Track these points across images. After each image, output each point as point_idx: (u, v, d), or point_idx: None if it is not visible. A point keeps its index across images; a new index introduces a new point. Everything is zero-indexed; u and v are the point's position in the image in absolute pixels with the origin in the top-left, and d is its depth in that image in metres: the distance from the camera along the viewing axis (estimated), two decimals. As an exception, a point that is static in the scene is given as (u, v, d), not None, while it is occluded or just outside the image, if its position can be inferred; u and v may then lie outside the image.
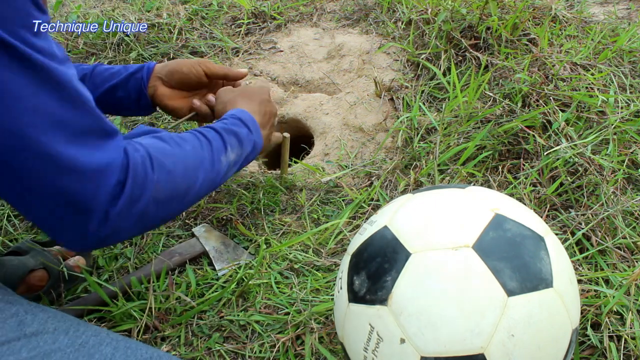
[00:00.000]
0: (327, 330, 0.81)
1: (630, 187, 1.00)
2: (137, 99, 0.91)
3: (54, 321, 0.57)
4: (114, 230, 0.58)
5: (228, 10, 1.71)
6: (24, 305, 0.58)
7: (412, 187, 1.05)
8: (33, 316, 0.56)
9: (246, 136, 0.79)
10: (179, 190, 0.65)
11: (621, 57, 1.30)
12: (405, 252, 0.57)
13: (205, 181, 0.70)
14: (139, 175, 0.58)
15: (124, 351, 0.56)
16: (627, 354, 0.74)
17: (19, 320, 0.55)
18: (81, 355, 0.54)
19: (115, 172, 0.56)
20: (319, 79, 1.44)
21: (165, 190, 0.62)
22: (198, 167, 0.68)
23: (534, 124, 1.09)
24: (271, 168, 1.24)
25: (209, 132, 0.74)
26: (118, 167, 0.56)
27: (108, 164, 0.55)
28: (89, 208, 0.55)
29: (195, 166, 0.68)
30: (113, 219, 0.57)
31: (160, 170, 0.62)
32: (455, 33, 1.35)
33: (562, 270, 0.58)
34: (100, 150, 0.55)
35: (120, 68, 0.92)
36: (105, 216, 0.56)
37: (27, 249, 0.87)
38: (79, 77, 0.90)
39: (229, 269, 0.94)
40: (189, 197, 0.68)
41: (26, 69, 0.48)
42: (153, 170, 0.61)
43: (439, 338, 0.52)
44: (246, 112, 0.83)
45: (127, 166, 0.57)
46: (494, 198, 0.64)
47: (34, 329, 0.55)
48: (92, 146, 0.54)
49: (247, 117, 0.82)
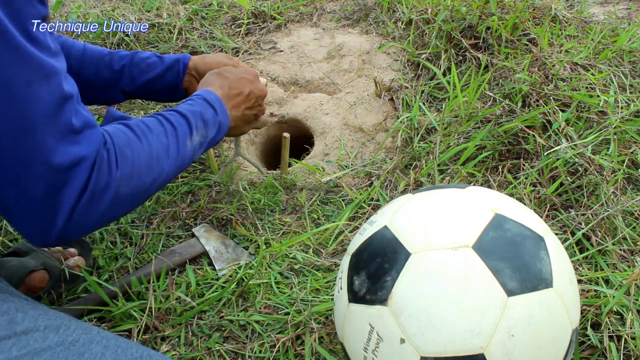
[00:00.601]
0: (327, 330, 0.81)
1: (630, 187, 1.00)
2: (173, 92, 0.97)
3: (45, 319, 0.57)
4: (76, 225, 0.58)
5: (228, 10, 1.71)
6: (15, 302, 0.58)
7: (412, 187, 1.05)
8: (24, 314, 0.56)
9: (212, 117, 0.79)
10: (143, 184, 0.65)
11: (621, 57, 1.30)
12: (405, 252, 0.57)
13: (170, 169, 0.70)
14: (103, 172, 0.59)
15: (114, 350, 0.56)
16: (627, 354, 0.74)
17: (9, 319, 0.55)
18: (71, 354, 0.54)
19: (87, 168, 0.56)
20: (319, 79, 1.44)
21: (128, 186, 0.62)
22: (163, 157, 0.69)
23: (534, 124, 1.09)
24: (271, 168, 1.24)
25: (174, 116, 0.73)
26: (89, 164, 0.57)
27: (81, 158, 0.56)
28: (58, 203, 0.55)
29: (160, 157, 0.68)
30: (77, 214, 0.57)
31: (124, 166, 0.61)
32: (455, 33, 1.35)
33: (562, 270, 0.58)
34: (78, 145, 0.56)
35: (156, 60, 0.95)
36: (71, 212, 0.56)
37: (27, 250, 0.87)
38: (118, 66, 0.93)
39: (229, 269, 0.94)
40: (153, 188, 0.68)
41: (21, 58, 0.49)
42: (117, 167, 0.61)
43: (439, 338, 0.52)
44: (212, 93, 0.82)
45: (94, 164, 0.57)
46: (494, 198, 0.64)
47: (24, 327, 0.54)
48: (72, 141, 0.55)
49: (213, 98, 0.81)
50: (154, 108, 1.36)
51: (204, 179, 1.13)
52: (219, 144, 1.24)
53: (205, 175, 1.14)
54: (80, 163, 0.56)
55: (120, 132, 0.64)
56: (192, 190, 1.11)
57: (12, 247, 0.91)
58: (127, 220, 1.04)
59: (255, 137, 1.32)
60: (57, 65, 0.54)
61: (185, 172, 1.15)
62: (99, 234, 1.01)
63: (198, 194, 1.11)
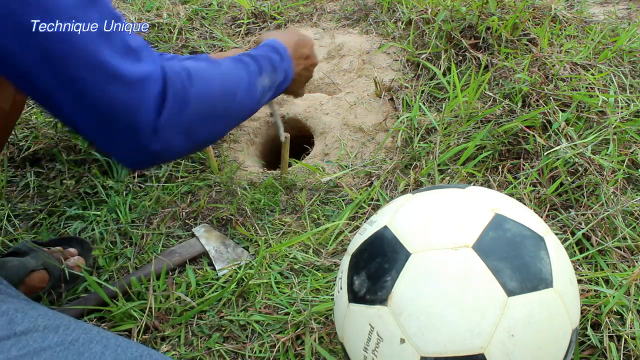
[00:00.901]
0: (327, 330, 0.81)
1: (630, 187, 1.00)
2: None
3: (44, 319, 0.57)
4: (164, 145, 0.61)
5: (228, 10, 1.71)
6: (14, 303, 0.58)
7: (412, 187, 1.05)
8: (23, 314, 0.56)
9: (279, 63, 0.80)
10: (218, 106, 0.67)
11: (621, 57, 1.30)
12: (405, 252, 0.57)
13: (242, 102, 0.72)
14: (178, 86, 0.61)
15: (114, 349, 0.56)
16: (627, 354, 0.74)
17: (9, 319, 0.55)
18: (71, 353, 0.54)
19: (157, 82, 0.59)
20: (319, 79, 1.44)
21: (205, 103, 0.65)
22: (236, 86, 0.70)
23: (534, 124, 1.09)
24: (271, 168, 1.24)
25: (245, 57, 0.75)
26: (158, 78, 0.59)
27: (149, 74, 0.58)
28: (137, 119, 0.57)
29: (233, 84, 0.70)
30: (161, 131, 0.59)
31: (198, 83, 0.63)
32: (455, 33, 1.35)
33: (562, 270, 0.58)
34: (141, 63, 0.58)
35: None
36: (154, 129, 0.59)
37: (27, 250, 0.87)
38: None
39: (229, 269, 0.94)
40: (228, 116, 0.70)
41: None
42: (191, 83, 0.63)
43: (439, 338, 0.52)
44: (279, 42, 0.84)
45: (166, 78, 0.60)
46: (494, 198, 0.64)
47: (23, 328, 0.55)
48: (134, 59, 0.57)
49: (280, 46, 0.83)
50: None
51: (204, 179, 1.13)
52: (219, 144, 1.24)
53: (205, 175, 1.14)
54: (149, 77, 0.58)
55: (190, 60, 0.67)
56: (192, 190, 1.11)
57: (12, 247, 0.91)
58: (127, 220, 1.04)
59: (255, 137, 1.32)
60: None
61: (185, 172, 1.15)
62: (99, 234, 1.01)
63: (198, 194, 1.11)
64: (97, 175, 1.13)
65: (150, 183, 1.12)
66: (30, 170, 1.17)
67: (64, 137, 1.21)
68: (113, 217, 1.05)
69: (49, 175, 1.17)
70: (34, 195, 1.13)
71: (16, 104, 0.80)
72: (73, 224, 1.04)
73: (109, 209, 1.07)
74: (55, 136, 1.22)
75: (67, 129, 1.23)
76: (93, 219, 1.05)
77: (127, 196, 1.09)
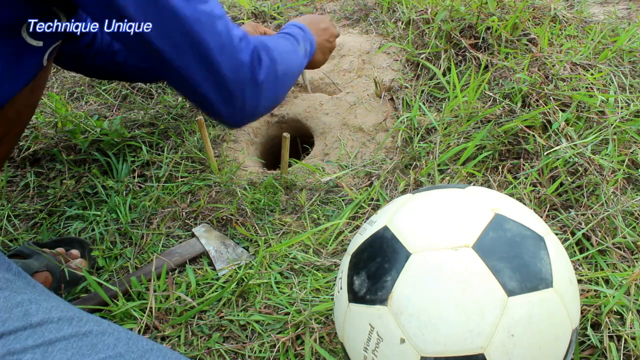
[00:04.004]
0: (327, 330, 0.81)
1: (630, 187, 1.00)
2: None
3: (58, 311, 0.58)
4: (262, 99, 0.78)
5: (228, 10, 1.71)
6: (27, 294, 0.59)
7: (412, 187, 1.05)
8: (37, 306, 0.58)
9: (304, 36, 1.00)
10: (288, 65, 0.86)
11: (621, 57, 1.30)
12: (405, 252, 0.57)
13: (297, 64, 0.92)
14: (263, 48, 0.77)
15: (125, 342, 0.57)
16: (627, 354, 0.74)
17: (24, 311, 0.57)
18: (84, 344, 0.55)
19: (252, 42, 0.75)
20: (319, 79, 1.44)
21: (282, 64, 0.82)
22: (292, 52, 0.91)
23: (534, 124, 1.09)
24: (271, 168, 1.24)
25: (283, 34, 0.96)
26: (252, 40, 0.75)
27: (245, 34, 0.74)
28: (244, 71, 0.73)
29: (291, 51, 0.90)
30: (262, 85, 0.76)
31: (275, 50, 0.81)
32: (455, 33, 1.35)
33: (562, 270, 0.58)
34: (237, 28, 0.74)
35: None
36: (256, 82, 0.75)
37: (30, 253, 0.87)
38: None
39: (229, 269, 0.94)
40: (292, 74, 0.89)
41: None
42: (270, 49, 0.80)
43: (439, 338, 0.52)
44: (298, 22, 1.03)
45: (254, 43, 0.76)
46: (494, 198, 0.64)
47: (39, 319, 0.56)
48: (232, 25, 0.72)
49: (301, 25, 1.02)
50: (154, 108, 1.36)
51: (204, 179, 1.13)
52: (219, 144, 1.24)
53: (205, 175, 1.14)
54: (246, 37, 0.74)
55: (254, 36, 0.83)
56: (192, 190, 1.11)
57: (15, 248, 0.91)
58: (127, 220, 1.04)
59: (255, 137, 1.32)
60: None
61: (185, 172, 1.15)
62: (99, 234, 1.01)
63: (198, 194, 1.11)
64: (97, 175, 1.13)
65: (150, 183, 1.12)
66: (30, 170, 1.18)
67: (64, 137, 1.21)
68: (113, 217, 1.05)
69: (49, 175, 1.17)
70: (34, 195, 1.13)
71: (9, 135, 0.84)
72: (73, 224, 1.04)
73: (109, 209, 1.07)
74: (55, 136, 1.22)
75: (67, 130, 1.23)
76: (93, 219, 1.05)
77: (127, 196, 1.09)
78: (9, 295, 0.58)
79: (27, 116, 0.85)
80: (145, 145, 1.20)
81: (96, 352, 0.54)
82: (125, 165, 1.16)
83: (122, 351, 0.55)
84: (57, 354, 0.53)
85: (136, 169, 1.15)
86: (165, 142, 1.22)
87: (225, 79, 0.71)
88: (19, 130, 0.86)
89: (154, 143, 1.22)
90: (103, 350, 0.55)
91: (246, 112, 0.77)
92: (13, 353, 0.52)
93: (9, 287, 0.59)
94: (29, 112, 0.85)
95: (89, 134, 1.21)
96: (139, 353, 0.56)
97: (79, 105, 1.39)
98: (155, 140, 1.22)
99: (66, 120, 1.24)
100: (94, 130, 1.21)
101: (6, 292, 0.58)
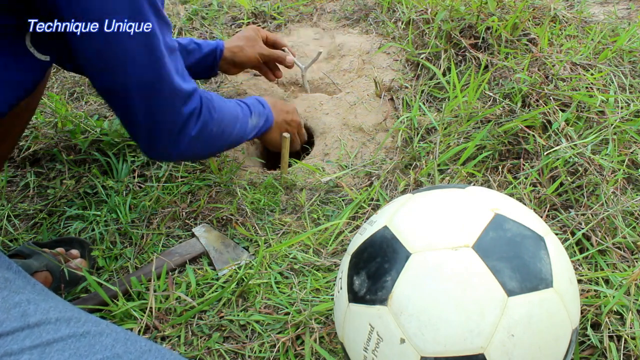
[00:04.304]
0: (327, 330, 0.81)
1: (630, 187, 1.00)
2: (208, 73, 1.22)
3: (56, 311, 0.58)
4: (188, 150, 0.83)
5: (228, 10, 1.71)
6: (26, 293, 0.59)
7: (412, 187, 1.05)
8: (36, 306, 0.58)
9: (262, 110, 1.04)
10: (225, 130, 0.90)
11: (621, 57, 1.30)
12: (405, 252, 0.57)
13: (238, 132, 0.95)
14: (207, 107, 0.84)
15: (123, 342, 0.57)
16: (627, 354, 0.74)
17: (22, 311, 0.56)
18: (82, 345, 0.55)
19: (197, 98, 0.81)
20: (319, 79, 1.44)
21: (219, 125, 0.87)
22: (236, 118, 0.94)
23: (534, 124, 1.09)
24: (271, 168, 1.24)
25: (240, 102, 1.00)
26: (198, 95, 0.82)
27: (194, 90, 0.81)
28: (183, 122, 0.80)
29: (234, 117, 0.93)
30: (192, 139, 0.82)
31: (217, 110, 0.87)
32: (455, 33, 1.35)
33: (562, 270, 0.58)
34: (188, 82, 0.80)
35: (194, 47, 1.17)
36: (185, 134, 0.81)
37: (30, 253, 0.87)
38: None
39: (229, 269, 0.94)
40: (228, 140, 0.93)
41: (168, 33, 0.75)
42: (214, 109, 0.86)
43: (439, 338, 0.52)
44: (262, 98, 1.08)
45: (201, 98, 0.83)
46: (494, 198, 0.64)
47: (36, 320, 0.56)
48: (183, 78, 0.79)
49: (263, 100, 1.07)
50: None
51: (204, 179, 1.13)
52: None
53: (206, 175, 1.14)
54: (194, 93, 0.81)
55: (208, 92, 0.89)
56: (192, 190, 1.11)
57: (15, 248, 0.91)
58: (127, 220, 1.04)
59: (255, 137, 1.32)
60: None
61: (185, 172, 1.15)
62: (99, 234, 1.01)
63: (198, 194, 1.11)
64: (97, 175, 1.13)
65: (150, 183, 1.12)
66: (30, 170, 1.18)
67: (64, 137, 1.21)
68: (113, 217, 1.05)
69: (49, 175, 1.17)
70: (34, 195, 1.13)
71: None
72: (73, 224, 1.04)
73: (109, 209, 1.07)
74: (55, 136, 1.22)
75: (67, 130, 1.23)
76: (93, 219, 1.05)
77: (127, 196, 1.09)
78: (8, 296, 0.58)
79: (27, 117, 0.86)
80: (145, 145, 1.20)
81: (94, 353, 0.54)
82: (125, 165, 1.16)
83: (120, 352, 0.55)
84: (54, 354, 0.53)
85: (136, 169, 1.15)
86: (165, 142, 1.22)
87: (157, 121, 0.77)
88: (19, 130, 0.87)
89: (154, 143, 1.22)
90: (101, 351, 0.55)
91: (164, 155, 0.83)
92: (10, 354, 0.52)
93: (8, 287, 0.59)
94: (29, 112, 0.85)
95: (89, 134, 1.21)
96: (137, 354, 0.56)
97: (79, 105, 1.39)
98: (155, 140, 1.22)
99: (66, 120, 1.24)
100: (94, 130, 1.21)
101: (5, 292, 0.58)
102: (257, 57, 1.21)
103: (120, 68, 0.70)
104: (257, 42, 1.22)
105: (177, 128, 0.79)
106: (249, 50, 1.20)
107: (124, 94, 0.73)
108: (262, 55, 1.22)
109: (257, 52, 1.21)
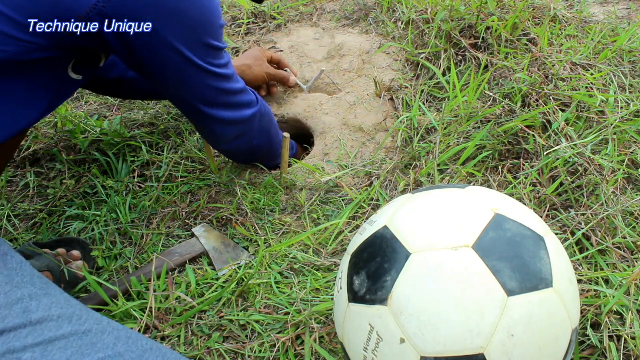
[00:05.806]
0: (327, 330, 0.81)
1: (630, 187, 1.00)
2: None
3: (58, 308, 0.58)
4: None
5: (228, 10, 1.71)
6: (28, 288, 0.59)
7: (412, 187, 1.05)
8: (38, 302, 0.58)
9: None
10: (272, 141, 1.10)
11: (621, 57, 1.30)
12: (405, 252, 0.57)
13: (275, 141, 1.13)
14: (264, 113, 1.04)
15: (125, 341, 0.57)
16: (627, 354, 0.74)
17: (24, 307, 0.57)
18: (84, 343, 0.55)
19: (257, 106, 1.00)
20: (319, 79, 1.44)
21: (268, 136, 1.08)
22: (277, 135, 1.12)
23: (534, 124, 1.09)
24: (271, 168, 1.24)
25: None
26: (257, 103, 1.01)
27: (252, 100, 1.00)
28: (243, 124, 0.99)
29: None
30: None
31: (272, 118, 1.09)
32: (455, 33, 1.35)
33: (562, 270, 0.58)
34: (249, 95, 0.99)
35: None
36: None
37: (31, 253, 0.87)
38: None
39: (229, 269, 0.94)
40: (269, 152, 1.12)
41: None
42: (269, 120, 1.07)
43: (439, 338, 0.52)
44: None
45: (259, 105, 1.01)
46: (494, 198, 0.64)
47: (39, 317, 0.56)
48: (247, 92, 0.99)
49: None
50: (154, 108, 1.36)
51: (204, 179, 1.13)
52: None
53: (206, 175, 1.14)
54: (253, 103, 0.99)
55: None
56: (192, 190, 1.11)
57: (16, 249, 0.91)
58: (127, 220, 1.04)
59: (255, 137, 1.32)
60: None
61: (185, 172, 1.15)
62: (99, 234, 1.01)
63: (198, 194, 1.11)
64: (97, 175, 1.13)
65: (150, 183, 1.12)
66: (30, 170, 1.18)
67: (64, 137, 1.21)
68: (113, 217, 1.05)
69: (49, 175, 1.17)
70: (34, 195, 1.13)
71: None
72: (73, 224, 1.04)
73: (109, 209, 1.07)
74: (55, 136, 1.22)
75: (67, 130, 1.23)
76: (93, 219, 1.05)
77: (127, 196, 1.09)
78: (10, 291, 0.58)
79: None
80: (145, 145, 1.20)
81: (96, 351, 0.54)
82: (125, 165, 1.16)
83: (122, 350, 0.55)
84: (56, 352, 0.53)
85: (136, 169, 1.15)
86: (165, 142, 1.22)
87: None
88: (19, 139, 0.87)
89: (154, 143, 1.22)
90: (103, 350, 0.55)
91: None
92: (13, 351, 0.52)
93: (10, 282, 0.59)
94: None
95: (89, 134, 1.21)
96: (139, 352, 0.56)
97: (79, 105, 1.39)
98: (155, 140, 1.22)
99: (66, 120, 1.24)
100: (94, 130, 1.21)
101: (7, 288, 0.58)
102: (264, 76, 1.27)
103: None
104: (264, 62, 1.28)
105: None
106: (257, 70, 1.25)
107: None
108: (268, 74, 1.28)
109: (265, 72, 1.27)
